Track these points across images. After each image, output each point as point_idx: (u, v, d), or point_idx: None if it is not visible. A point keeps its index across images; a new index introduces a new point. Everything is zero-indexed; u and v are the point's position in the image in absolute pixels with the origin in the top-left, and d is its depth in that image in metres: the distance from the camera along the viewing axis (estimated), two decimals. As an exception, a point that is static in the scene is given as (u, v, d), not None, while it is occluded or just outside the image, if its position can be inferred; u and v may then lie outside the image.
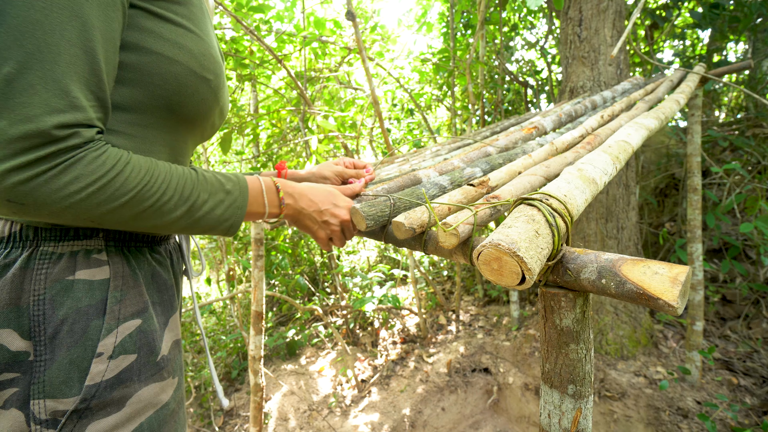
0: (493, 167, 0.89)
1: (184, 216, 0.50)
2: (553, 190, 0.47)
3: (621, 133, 0.82)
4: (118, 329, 0.50)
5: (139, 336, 0.52)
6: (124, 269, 0.53)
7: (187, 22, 0.55)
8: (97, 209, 0.43)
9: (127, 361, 0.50)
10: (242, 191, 0.58)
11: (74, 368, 0.47)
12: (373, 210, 0.64)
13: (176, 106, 0.55)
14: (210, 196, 0.53)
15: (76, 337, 0.47)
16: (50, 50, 0.40)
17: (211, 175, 0.55)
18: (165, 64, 0.51)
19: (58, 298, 0.47)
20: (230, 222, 0.56)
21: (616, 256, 0.37)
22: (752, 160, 2.71)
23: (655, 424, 1.98)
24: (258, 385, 1.95)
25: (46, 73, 0.40)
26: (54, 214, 0.42)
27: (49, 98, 0.39)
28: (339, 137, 3.22)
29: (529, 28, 4.34)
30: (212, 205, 0.53)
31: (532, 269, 0.35)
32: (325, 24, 2.98)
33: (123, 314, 0.51)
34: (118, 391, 0.49)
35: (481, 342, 3.04)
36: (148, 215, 0.47)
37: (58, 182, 0.41)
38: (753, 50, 3.10)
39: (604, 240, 2.49)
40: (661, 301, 0.31)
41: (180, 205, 0.50)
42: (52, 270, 0.48)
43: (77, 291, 0.48)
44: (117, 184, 0.44)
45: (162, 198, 0.48)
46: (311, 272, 4.35)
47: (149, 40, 0.50)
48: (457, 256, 0.55)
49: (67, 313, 0.47)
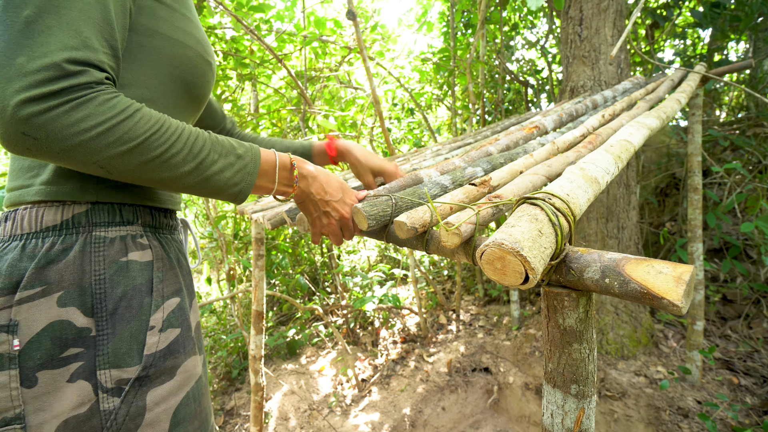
0: (494, 167, 0.89)
1: (192, 172, 0.51)
2: (556, 189, 0.47)
3: (623, 132, 0.82)
4: (164, 305, 0.56)
5: (180, 312, 0.59)
6: (162, 253, 0.59)
7: (189, 13, 0.62)
8: (105, 151, 0.44)
9: (173, 334, 0.56)
10: (254, 159, 0.58)
11: (134, 340, 0.52)
12: (374, 209, 0.64)
13: (190, 85, 0.62)
14: (220, 156, 0.54)
15: (133, 312, 0.53)
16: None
17: (224, 138, 0.56)
18: (180, 49, 0.59)
19: (116, 277, 0.52)
20: (239, 187, 0.56)
21: (620, 255, 0.37)
22: (753, 160, 2.70)
23: (656, 423, 1.98)
24: (258, 384, 1.95)
25: (61, 17, 0.43)
26: (65, 152, 0.43)
27: (63, 37, 0.42)
28: (339, 137, 3.21)
29: (529, 27, 4.34)
30: (222, 166, 0.54)
31: (535, 269, 0.34)
32: (325, 23, 2.98)
33: (166, 292, 0.57)
34: (170, 361, 0.55)
35: (481, 341, 3.03)
36: (156, 165, 0.48)
37: (70, 118, 0.42)
38: (754, 49, 3.09)
39: (604, 239, 2.49)
40: (666, 300, 0.31)
41: (189, 161, 0.50)
42: (108, 252, 0.53)
43: (132, 270, 0.54)
44: (126, 127, 0.45)
45: (171, 149, 0.48)
46: (311, 272, 4.35)
47: (165, 27, 0.57)
48: (459, 255, 0.55)
49: (125, 290, 0.52)
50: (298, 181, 0.64)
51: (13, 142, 0.42)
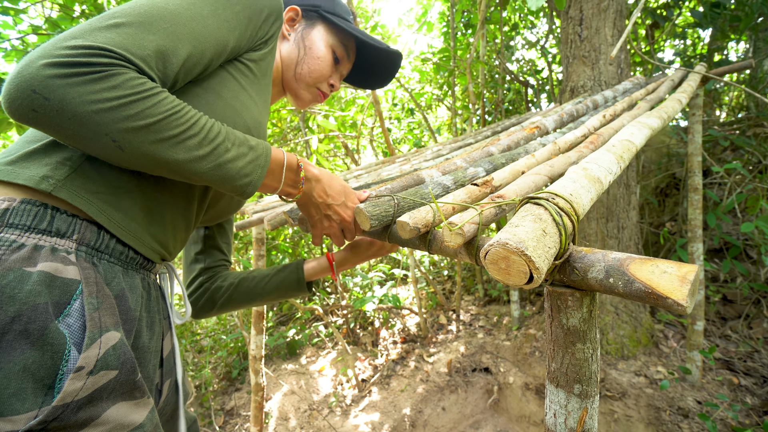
0: (496, 167, 0.89)
1: (206, 156, 0.50)
2: (559, 189, 0.47)
3: (624, 132, 0.82)
4: (101, 339, 0.44)
5: (123, 350, 0.46)
6: (96, 276, 0.48)
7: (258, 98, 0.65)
8: (122, 123, 0.43)
9: (106, 378, 0.44)
10: (266, 153, 0.58)
11: (28, 377, 0.38)
12: (377, 210, 0.64)
13: None
14: (234, 145, 0.53)
15: (32, 338, 0.39)
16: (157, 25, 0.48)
17: (236, 131, 0.56)
18: (231, 114, 0.59)
19: (9, 290, 0.40)
20: (250, 178, 0.55)
21: (624, 255, 0.37)
22: (753, 160, 2.71)
23: (656, 423, 1.98)
24: (259, 384, 1.95)
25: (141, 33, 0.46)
26: (76, 118, 0.41)
27: (128, 42, 0.44)
28: (339, 137, 3.21)
29: (529, 27, 4.34)
30: (235, 155, 0.53)
31: (540, 268, 0.34)
32: (325, 23, 2.98)
33: (104, 323, 0.45)
34: (85, 411, 0.42)
35: (481, 341, 3.04)
36: (171, 145, 0.47)
37: (92, 87, 0.41)
38: (754, 49, 3.10)
39: (604, 239, 2.49)
40: (670, 300, 0.31)
41: (204, 145, 0.50)
42: (8, 257, 0.41)
43: (35, 284, 0.41)
44: (148, 103, 0.44)
45: (188, 131, 0.48)
46: (311, 272, 4.34)
47: (228, 95, 0.60)
48: (462, 255, 0.55)
49: (21, 308, 0.39)
50: (304, 183, 0.63)
51: (20, 100, 0.39)
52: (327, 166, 3.04)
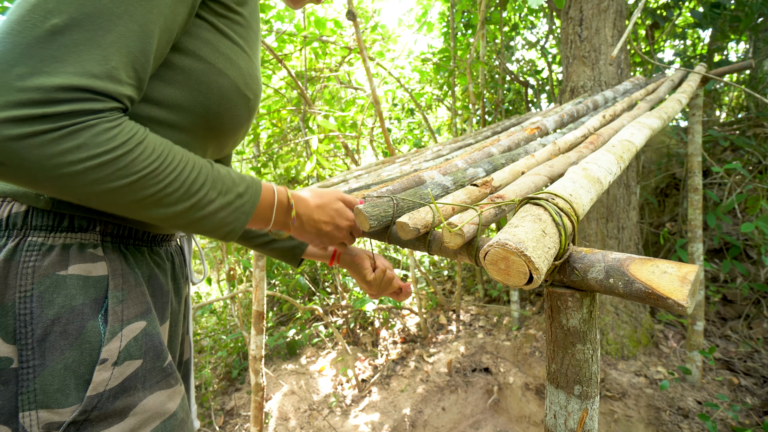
0: (495, 167, 0.89)
1: (185, 212, 0.45)
2: (559, 189, 0.47)
3: (624, 132, 0.82)
4: (122, 332, 0.46)
5: (145, 339, 0.48)
6: (123, 267, 0.49)
7: (243, 42, 0.55)
8: (90, 186, 0.38)
9: (132, 368, 0.46)
10: (253, 197, 0.53)
11: (70, 374, 0.42)
12: (376, 210, 0.64)
13: (212, 115, 0.53)
14: (219, 195, 0.48)
15: (70, 339, 0.42)
16: (109, 17, 0.37)
17: (226, 173, 0.50)
18: (214, 75, 0.51)
19: (48, 294, 0.42)
20: (231, 227, 0.50)
21: (624, 255, 0.37)
22: (753, 160, 2.71)
23: (656, 424, 1.98)
24: (259, 384, 1.95)
25: (94, 36, 0.36)
26: (36, 181, 0.36)
27: (86, 60, 0.36)
28: (339, 137, 3.21)
29: (529, 27, 4.34)
30: (218, 206, 0.48)
31: (539, 269, 0.34)
32: (325, 24, 2.98)
33: (127, 315, 0.47)
34: (122, 401, 0.45)
35: (481, 342, 3.03)
36: (146, 204, 0.42)
37: (57, 147, 0.35)
38: (754, 50, 3.10)
39: (604, 240, 2.49)
40: (671, 300, 0.31)
41: (184, 200, 0.44)
42: (41, 263, 0.43)
43: (70, 287, 0.43)
44: (122, 163, 0.39)
45: (167, 188, 0.43)
46: (312, 272, 4.35)
47: (206, 50, 0.50)
48: (461, 256, 0.55)
49: (59, 312, 0.42)
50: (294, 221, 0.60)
51: None
52: (327, 166, 3.04)
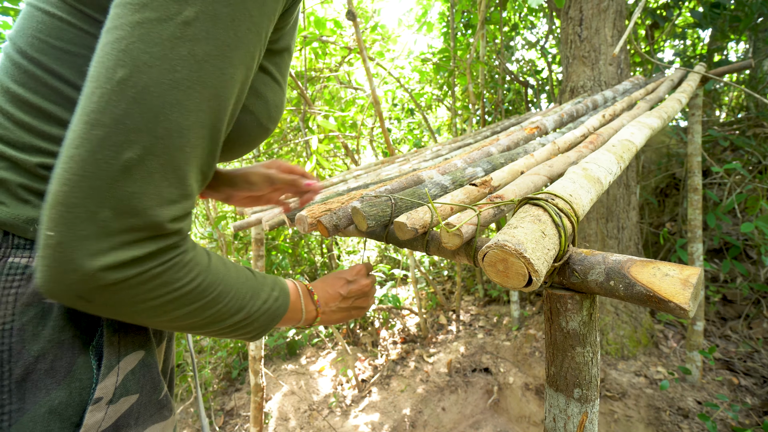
0: (495, 167, 0.88)
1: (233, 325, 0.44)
2: (559, 189, 0.46)
3: (624, 132, 0.82)
4: (119, 365, 0.41)
5: (143, 372, 0.44)
6: None
7: (275, 70, 0.50)
8: (157, 316, 0.37)
9: (127, 404, 0.42)
10: (285, 298, 0.51)
11: (55, 419, 0.36)
12: (374, 210, 0.63)
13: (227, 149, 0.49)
14: (262, 303, 0.47)
15: (58, 377, 0.37)
16: (181, 134, 0.33)
17: (262, 279, 0.49)
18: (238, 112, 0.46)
19: (31, 327, 0.36)
20: (263, 329, 0.49)
21: (625, 257, 0.36)
22: (753, 160, 2.70)
23: (656, 424, 1.97)
24: (258, 385, 1.94)
25: (168, 161, 0.33)
26: (114, 315, 0.35)
27: (164, 187, 0.33)
28: (339, 137, 3.21)
29: (529, 27, 4.34)
30: (260, 314, 0.47)
31: (539, 271, 0.34)
32: (325, 24, 2.98)
33: (124, 346, 0.42)
34: None
35: (481, 342, 3.03)
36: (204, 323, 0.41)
37: (143, 288, 0.34)
38: (754, 50, 3.09)
39: (604, 240, 2.49)
40: (672, 303, 0.31)
41: (236, 313, 0.43)
42: (25, 289, 0.37)
43: (60, 318, 0.38)
44: (195, 293, 0.38)
45: (224, 307, 0.42)
46: (311, 272, 4.35)
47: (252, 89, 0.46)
48: (460, 257, 0.55)
49: (45, 347, 0.36)
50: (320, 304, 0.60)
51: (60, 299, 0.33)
52: (327, 166, 3.03)
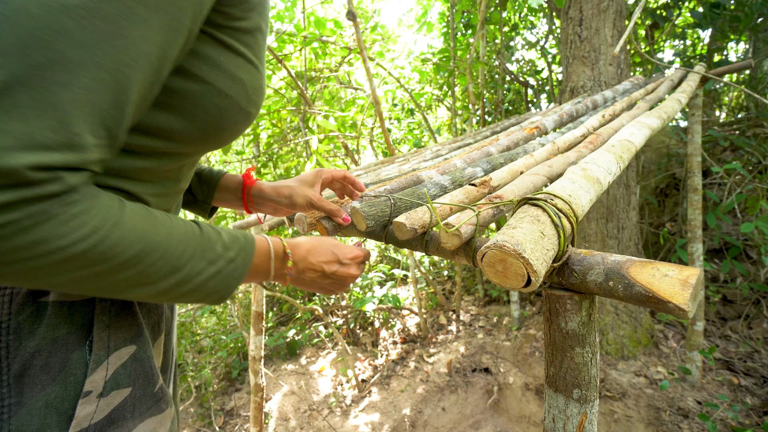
0: (494, 167, 0.88)
1: (169, 289, 0.39)
2: (558, 189, 0.46)
3: (624, 132, 0.82)
4: (108, 360, 0.41)
5: (134, 366, 0.44)
6: None
7: (249, 52, 0.48)
8: (50, 277, 0.32)
9: (120, 397, 0.42)
10: (246, 259, 0.46)
11: (51, 412, 0.38)
12: (373, 210, 0.63)
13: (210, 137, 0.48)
14: (208, 265, 0.42)
15: (53, 373, 0.38)
16: (66, 68, 0.29)
17: (217, 237, 0.44)
18: (214, 96, 0.44)
19: (27, 325, 0.38)
20: (219, 295, 0.44)
21: (624, 257, 0.36)
22: (753, 160, 2.70)
23: (656, 424, 1.97)
24: (258, 385, 1.94)
25: (46, 95, 0.29)
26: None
27: (36, 128, 0.28)
28: (339, 137, 3.21)
29: (529, 27, 4.34)
30: (207, 277, 0.42)
31: (537, 271, 0.34)
32: (325, 24, 2.98)
33: (114, 341, 0.42)
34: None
35: (481, 342, 3.03)
36: (124, 286, 0.36)
37: (11, 243, 0.29)
38: (753, 50, 3.09)
39: (604, 240, 2.49)
40: (672, 304, 0.31)
41: (168, 276, 0.38)
42: (19, 290, 0.38)
43: (53, 315, 0.39)
44: (92, 254, 0.32)
45: (150, 269, 0.37)
46: (311, 272, 4.34)
47: (204, 68, 0.43)
48: (459, 257, 0.55)
49: (41, 343, 0.38)
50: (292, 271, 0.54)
51: None
52: (327, 166, 3.03)
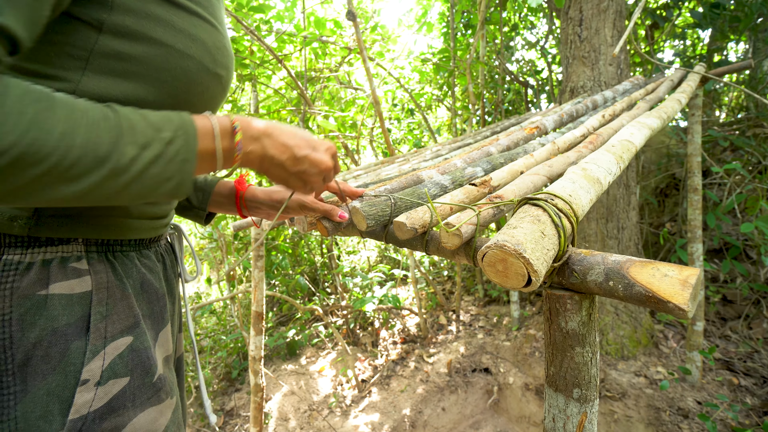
0: (494, 167, 0.88)
1: (103, 182, 0.35)
2: (558, 189, 0.46)
3: (624, 132, 0.82)
4: (105, 350, 0.43)
5: (131, 356, 0.46)
6: (108, 279, 0.45)
7: (202, 10, 0.47)
8: None
9: (118, 386, 0.44)
10: (188, 138, 0.41)
11: (53, 399, 0.40)
12: (373, 209, 0.63)
13: (184, 104, 0.46)
14: (141, 150, 0.37)
15: (53, 362, 0.40)
16: None
17: (140, 118, 0.39)
18: (176, 58, 0.44)
19: (29, 317, 0.40)
20: (174, 182, 0.41)
21: (624, 257, 0.36)
22: (753, 160, 2.70)
23: (656, 424, 1.97)
24: (258, 385, 1.94)
25: None
26: None
27: None
28: (339, 137, 3.21)
29: (529, 28, 4.34)
30: (146, 163, 0.38)
31: (538, 271, 0.34)
32: (325, 24, 2.98)
33: (111, 332, 0.44)
34: (110, 422, 0.43)
35: (481, 342, 3.03)
36: (41, 186, 0.33)
37: None
38: (753, 50, 3.09)
39: (604, 240, 2.49)
40: (671, 304, 0.31)
41: (95, 168, 0.34)
42: (20, 283, 0.40)
43: (52, 308, 0.41)
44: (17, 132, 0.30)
45: (62, 161, 0.33)
46: (311, 272, 4.35)
47: (159, 30, 0.42)
48: (459, 257, 0.55)
49: (41, 335, 0.40)
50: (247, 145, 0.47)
51: None
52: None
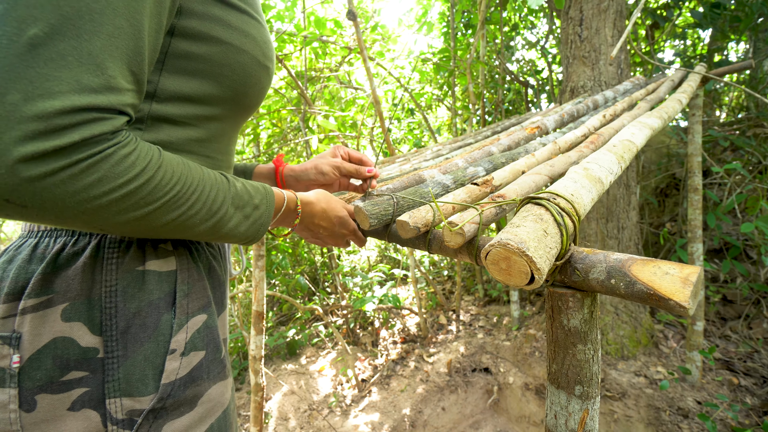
0: (496, 167, 0.88)
1: (207, 231, 0.45)
2: (560, 189, 0.47)
3: (625, 132, 0.82)
4: (188, 324, 0.48)
5: (206, 332, 0.51)
6: (188, 261, 0.51)
7: (250, 9, 0.52)
8: (115, 217, 0.37)
9: (197, 358, 0.49)
10: (269, 207, 0.53)
11: (148, 365, 0.45)
12: (376, 209, 0.64)
13: (241, 96, 0.52)
14: (237, 210, 0.48)
15: (149, 331, 0.45)
16: (92, 17, 0.32)
17: (242, 186, 0.50)
18: (234, 54, 0.49)
19: (130, 289, 0.45)
20: (250, 239, 0.52)
21: (626, 256, 0.36)
22: (753, 160, 2.71)
23: (656, 424, 1.98)
24: (258, 384, 1.94)
25: (82, 44, 0.32)
26: (60, 219, 0.35)
27: (81, 73, 0.32)
28: (339, 137, 3.21)
29: (529, 27, 4.34)
30: (238, 221, 0.48)
31: (541, 269, 0.34)
32: (325, 24, 2.98)
33: (191, 309, 0.49)
34: (191, 390, 0.47)
35: (481, 342, 3.03)
36: (169, 228, 0.42)
37: (78, 184, 0.33)
38: (754, 50, 3.09)
39: (604, 240, 2.49)
40: (672, 302, 0.31)
41: (207, 219, 0.44)
42: (123, 259, 0.45)
43: (149, 282, 0.46)
44: (145, 191, 0.38)
45: (190, 210, 0.42)
46: (311, 272, 4.35)
47: (218, 29, 0.47)
48: (462, 255, 0.55)
49: (140, 305, 0.45)
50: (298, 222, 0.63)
51: None
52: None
